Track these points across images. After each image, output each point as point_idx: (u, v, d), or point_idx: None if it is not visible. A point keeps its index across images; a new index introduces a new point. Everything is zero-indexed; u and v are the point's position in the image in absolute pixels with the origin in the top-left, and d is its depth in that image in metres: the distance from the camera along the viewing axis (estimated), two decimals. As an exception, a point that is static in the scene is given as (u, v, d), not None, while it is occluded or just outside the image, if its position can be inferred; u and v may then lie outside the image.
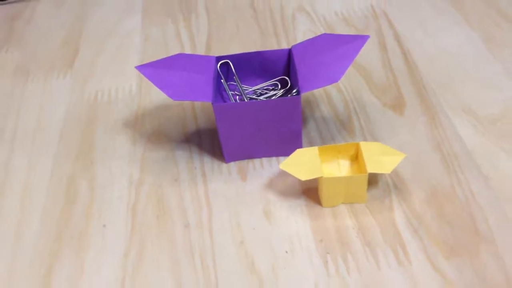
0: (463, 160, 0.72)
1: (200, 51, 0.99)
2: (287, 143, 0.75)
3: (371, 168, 0.66)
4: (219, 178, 0.75)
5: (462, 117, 0.78)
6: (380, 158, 0.67)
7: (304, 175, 0.66)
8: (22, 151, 0.84)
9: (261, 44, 0.99)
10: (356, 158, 0.71)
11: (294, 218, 0.68)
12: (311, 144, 0.78)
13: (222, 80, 0.78)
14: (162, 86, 0.71)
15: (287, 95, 0.78)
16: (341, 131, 0.79)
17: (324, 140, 0.78)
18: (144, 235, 0.69)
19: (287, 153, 0.76)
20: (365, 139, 0.77)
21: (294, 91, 0.70)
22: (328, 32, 0.99)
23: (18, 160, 0.82)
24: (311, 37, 0.98)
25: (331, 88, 0.86)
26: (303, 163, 0.68)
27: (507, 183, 0.68)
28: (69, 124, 0.88)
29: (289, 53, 0.78)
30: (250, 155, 0.76)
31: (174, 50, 1.00)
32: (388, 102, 0.83)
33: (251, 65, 0.80)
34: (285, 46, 0.97)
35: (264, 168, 0.75)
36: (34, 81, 0.98)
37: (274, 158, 0.77)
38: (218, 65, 0.78)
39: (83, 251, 0.68)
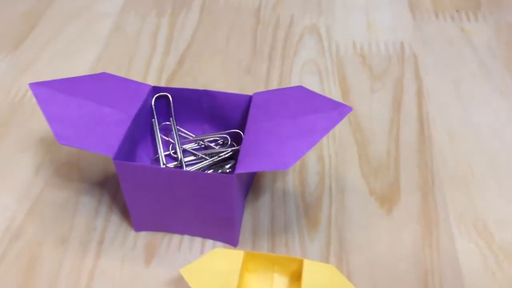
0: (452, 311, 0.50)
1: (171, 60, 0.79)
2: (216, 225, 0.54)
3: (305, 308, 0.44)
4: (118, 252, 0.55)
5: (470, 238, 0.55)
6: (324, 294, 0.45)
7: (207, 294, 0.46)
8: None
9: (247, 67, 0.77)
10: (298, 276, 0.50)
11: None
12: (253, 230, 0.57)
13: (153, 120, 0.58)
14: (52, 119, 0.51)
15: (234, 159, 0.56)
16: (300, 218, 0.58)
17: (273, 228, 0.57)
18: (-13, 316, 0.50)
19: (216, 235, 0.55)
20: (327, 239, 0.55)
21: (228, 166, 0.49)
22: (336, 68, 0.76)
23: None
24: (311, 70, 0.76)
25: (309, 152, 0.65)
26: (216, 272, 0.47)
27: None
28: (-20, 124, 0.70)
29: (250, 101, 0.57)
30: (167, 228, 0.56)
31: (142, 51, 0.80)
32: (378, 190, 0.60)
33: (199, 106, 0.59)
34: (275, 77, 0.75)
35: (181, 251, 0.55)
36: (-31, 57, 0.81)
37: (199, 239, 0.56)
38: (153, 99, 0.58)
39: None
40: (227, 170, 0.49)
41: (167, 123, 0.59)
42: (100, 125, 0.52)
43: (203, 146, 0.60)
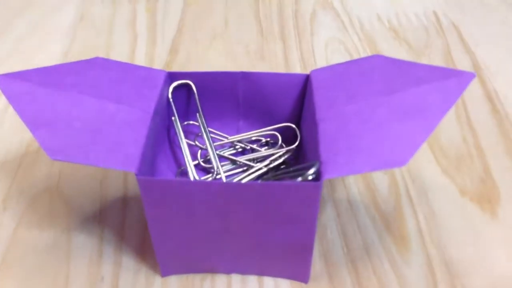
0: None
1: (160, 50, 0.62)
2: (283, 256, 0.38)
3: None
4: (141, 310, 0.38)
5: None
6: None
7: None
8: None
9: (257, 51, 0.62)
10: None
11: None
12: (324, 256, 0.41)
13: (173, 118, 0.42)
14: (34, 124, 0.34)
15: (291, 165, 0.41)
16: (382, 234, 0.43)
17: (350, 251, 0.42)
18: None
19: (281, 270, 0.40)
20: (427, 259, 0.41)
21: (311, 171, 0.33)
22: (367, 45, 0.62)
23: None
24: (338, 50, 0.62)
25: (367, 146, 0.50)
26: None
27: None
28: None
29: (306, 82, 0.42)
30: (208, 268, 0.40)
31: (119, 42, 0.64)
32: (469, 188, 0.46)
33: (233, 95, 0.43)
34: (296, 61, 0.61)
35: (231, 298, 0.39)
36: None
37: (253, 278, 0.40)
38: (171, 89, 0.41)
39: None
40: (309, 177, 0.33)
41: (191, 122, 0.43)
42: (108, 128, 0.35)
43: (240, 150, 0.44)
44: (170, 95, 0.41)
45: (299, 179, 0.34)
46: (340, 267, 0.41)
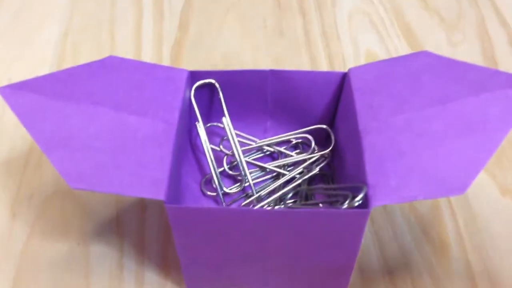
0: None
1: (169, 25, 0.57)
2: (319, 279, 0.35)
3: None
4: (169, 332, 0.36)
5: None
6: None
7: None
8: None
9: (276, 26, 0.57)
10: None
11: None
12: (359, 269, 0.39)
13: (197, 123, 0.38)
14: (49, 148, 0.30)
15: (325, 170, 0.38)
16: (421, 241, 0.40)
17: (386, 262, 0.39)
18: None
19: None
20: (469, 272, 0.38)
21: (359, 198, 0.29)
22: (394, 17, 0.58)
23: None
24: (363, 24, 0.57)
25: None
26: None
27: None
28: None
29: (342, 81, 0.38)
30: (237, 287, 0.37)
31: (123, 16, 0.58)
32: (511, 187, 0.43)
33: (261, 94, 0.39)
34: (317, 37, 0.56)
35: (264, 316, 0.37)
36: None
37: (286, 294, 0.38)
38: (193, 90, 0.37)
39: None
40: (356, 203, 0.30)
41: (215, 123, 0.39)
42: (130, 146, 0.31)
43: (267, 153, 0.40)
44: (192, 97, 0.37)
45: (345, 205, 0.30)
46: (377, 281, 0.38)
